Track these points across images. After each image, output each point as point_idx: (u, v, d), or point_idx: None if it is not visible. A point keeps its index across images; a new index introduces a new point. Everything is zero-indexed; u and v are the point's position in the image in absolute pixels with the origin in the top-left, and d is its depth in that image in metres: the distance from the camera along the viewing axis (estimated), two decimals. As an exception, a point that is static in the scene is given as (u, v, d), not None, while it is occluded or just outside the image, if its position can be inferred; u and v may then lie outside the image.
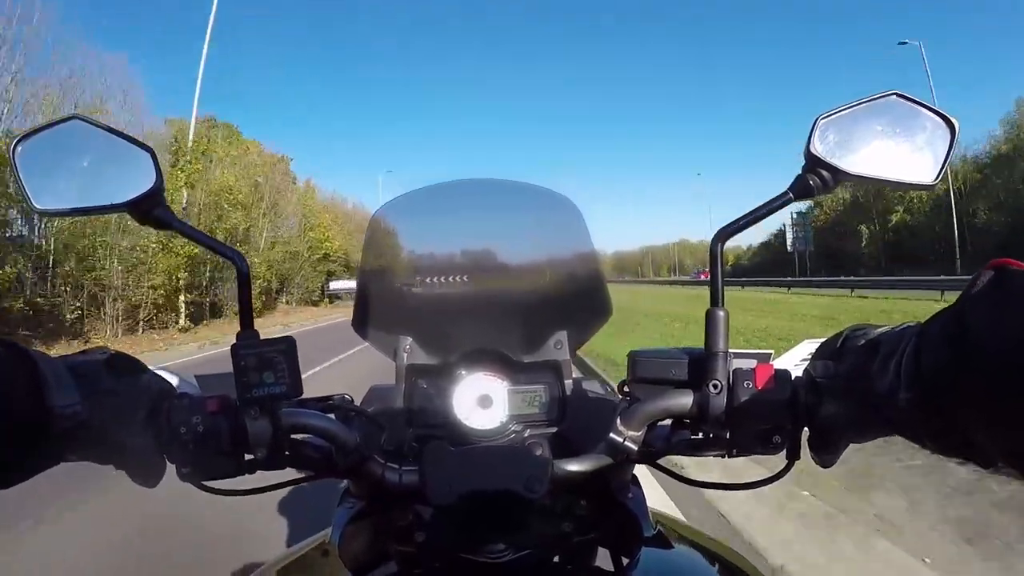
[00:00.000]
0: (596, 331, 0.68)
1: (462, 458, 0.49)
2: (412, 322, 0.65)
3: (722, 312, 0.48)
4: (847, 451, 0.46)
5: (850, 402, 0.42)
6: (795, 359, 0.56)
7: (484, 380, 0.62)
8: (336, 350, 9.24)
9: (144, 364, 0.49)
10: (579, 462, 0.51)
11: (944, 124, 0.48)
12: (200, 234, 0.53)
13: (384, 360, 0.65)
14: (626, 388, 0.54)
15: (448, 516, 0.54)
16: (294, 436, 0.50)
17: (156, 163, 0.51)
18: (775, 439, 0.46)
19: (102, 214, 0.54)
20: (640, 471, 0.61)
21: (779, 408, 0.45)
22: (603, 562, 0.57)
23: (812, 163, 0.48)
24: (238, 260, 0.52)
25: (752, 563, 0.68)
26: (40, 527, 2.74)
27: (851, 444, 0.45)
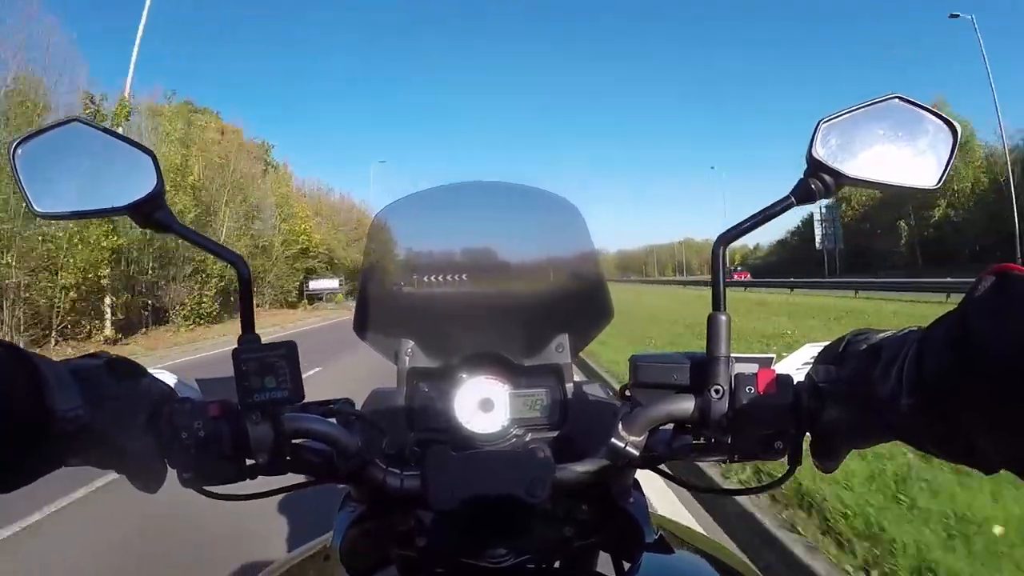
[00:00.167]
0: (597, 334, 0.68)
1: (464, 463, 0.49)
2: (413, 325, 0.65)
3: (724, 316, 0.48)
4: None
5: (852, 407, 0.42)
6: (797, 363, 0.56)
7: (485, 383, 0.61)
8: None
9: (144, 368, 0.49)
10: (580, 466, 0.51)
11: (946, 128, 0.48)
12: (201, 237, 0.52)
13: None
14: (627, 392, 0.54)
15: (450, 521, 0.54)
16: (295, 441, 0.50)
17: (157, 166, 0.51)
18: (777, 444, 0.46)
19: (103, 217, 0.54)
20: (642, 475, 0.61)
21: (781, 413, 0.45)
22: (604, 567, 0.57)
23: (814, 167, 0.48)
24: (240, 264, 0.51)
25: (755, 569, 0.68)
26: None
27: (853, 450, 0.45)
